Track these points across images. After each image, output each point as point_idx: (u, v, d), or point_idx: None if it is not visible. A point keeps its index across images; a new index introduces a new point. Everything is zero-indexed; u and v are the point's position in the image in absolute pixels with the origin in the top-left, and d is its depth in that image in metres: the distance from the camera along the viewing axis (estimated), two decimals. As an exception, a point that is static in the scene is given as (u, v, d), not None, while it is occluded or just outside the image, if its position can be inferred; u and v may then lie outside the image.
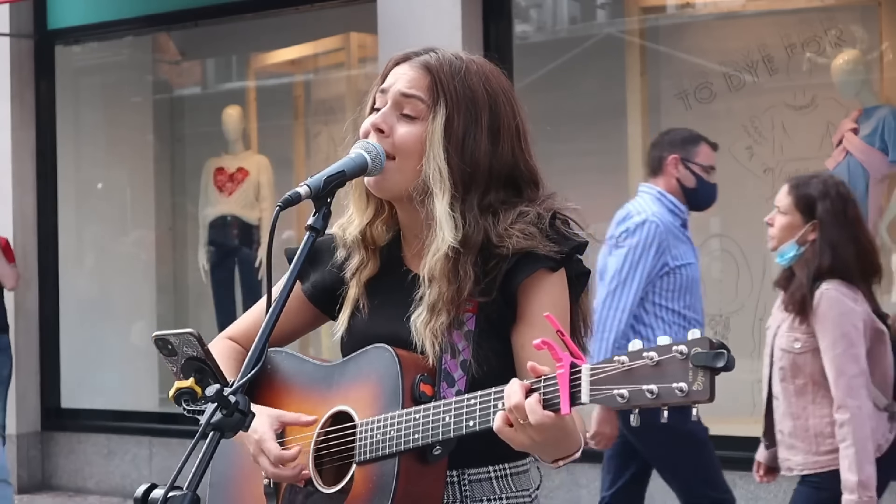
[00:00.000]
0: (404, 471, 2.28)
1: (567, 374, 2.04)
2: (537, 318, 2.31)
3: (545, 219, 2.36)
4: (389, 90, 2.42)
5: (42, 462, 9.37)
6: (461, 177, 2.37)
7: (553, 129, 7.93)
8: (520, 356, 2.35)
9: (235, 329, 2.68)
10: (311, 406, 2.46)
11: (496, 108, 2.41)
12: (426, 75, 2.40)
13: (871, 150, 7.03)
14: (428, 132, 2.37)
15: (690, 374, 1.93)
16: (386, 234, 2.50)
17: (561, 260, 2.34)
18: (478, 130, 2.38)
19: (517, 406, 2.07)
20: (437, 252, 2.36)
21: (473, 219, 2.36)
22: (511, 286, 2.35)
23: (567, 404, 2.04)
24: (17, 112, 9.43)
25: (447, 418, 2.21)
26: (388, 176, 2.39)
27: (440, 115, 2.37)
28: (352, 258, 2.51)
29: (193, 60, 10.41)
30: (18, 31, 9.50)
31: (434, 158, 2.36)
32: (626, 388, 1.98)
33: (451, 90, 2.38)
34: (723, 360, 1.92)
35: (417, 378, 2.32)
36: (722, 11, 7.98)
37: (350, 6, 8.72)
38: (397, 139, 2.39)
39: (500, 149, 2.40)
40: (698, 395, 1.93)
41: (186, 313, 10.08)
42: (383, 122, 2.40)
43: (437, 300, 2.35)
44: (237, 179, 9.70)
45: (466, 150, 2.37)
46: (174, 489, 2.07)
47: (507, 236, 2.34)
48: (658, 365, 1.96)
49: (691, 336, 1.95)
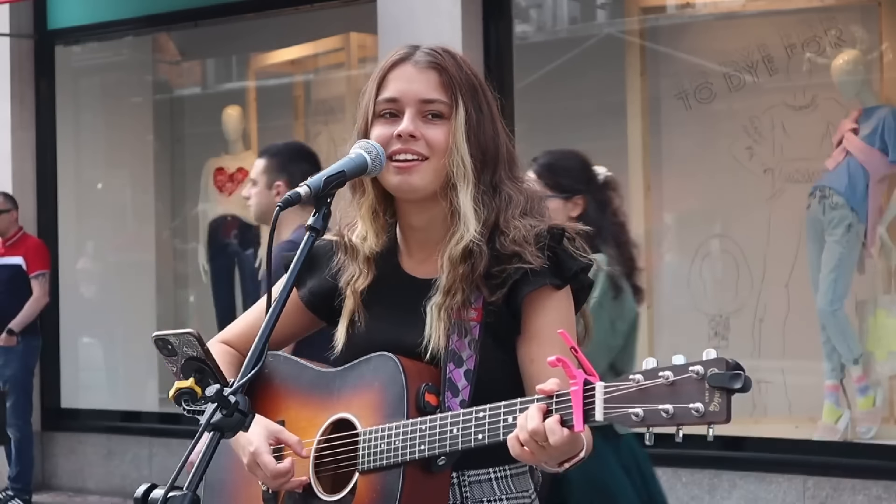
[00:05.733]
0: (409, 480, 2.27)
1: (581, 391, 2.03)
2: (544, 333, 2.33)
3: (556, 235, 2.37)
4: (403, 97, 2.41)
5: (42, 462, 9.36)
6: (481, 162, 2.40)
7: (553, 130, 7.93)
8: (528, 370, 2.35)
9: (230, 333, 2.66)
10: (311, 412, 2.45)
11: (486, 92, 2.46)
12: (439, 74, 2.41)
13: (871, 150, 7.02)
14: (452, 128, 2.39)
15: (707, 395, 1.92)
16: (380, 242, 2.49)
17: (567, 279, 2.36)
18: (484, 117, 2.42)
19: (536, 430, 2.07)
20: (460, 241, 2.36)
21: (489, 199, 2.39)
22: (517, 298, 2.35)
23: (581, 422, 2.03)
24: (17, 112, 9.43)
25: (455, 430, 2.21)
26: (422, 174, 2.39)
27: (461, 110, 2.39)
28: (347, 268, 2.50)
29: (193, 60, 10.41)
30: (18, 31, 9.50)
31: (458, 152, 2.38)
32: (642, 407, 1.96)
33: (462, 83, 2.41)
34: (740, 381, 1.90)
35: (422, 387, 2.31)
36: (722, 11, 7.98)
37: (350, 6, 8.72)
38: (429, 141, 2.39)
39: (498, 129, 2.45)
40: (715, 417, 1.91)
41: (186, 313, 10.07)
42: (414, 129, 2.39)
43: (454, 282, 2.36)
44: (237, 179, 9.69)
45: (481, 138, 2.40)
46: (174, 489, 2.07)
47: (512, 226, 2.36)
48: (673, 384, 1.94)
49: (707, 356, 1.93)
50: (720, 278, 7.72)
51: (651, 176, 7.78)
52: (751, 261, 7.50)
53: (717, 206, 7.83)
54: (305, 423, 2.44)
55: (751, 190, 7.48)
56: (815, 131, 7.27)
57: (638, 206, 7.74)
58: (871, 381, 7.03)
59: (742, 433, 6.82)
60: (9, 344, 8.72)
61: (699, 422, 1.92)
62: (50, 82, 9.61)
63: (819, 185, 7.17)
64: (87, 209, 9.99)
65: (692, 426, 1.94)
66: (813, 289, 7.14)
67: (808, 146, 7.29)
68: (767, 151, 7.38)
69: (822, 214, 7.12)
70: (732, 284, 7.60)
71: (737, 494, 6.78)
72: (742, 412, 6.63)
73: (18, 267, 8.87)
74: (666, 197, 7.87)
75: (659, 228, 7.90)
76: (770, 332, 7.30)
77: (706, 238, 7.68)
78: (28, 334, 8.82)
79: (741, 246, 7.58)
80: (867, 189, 7.00)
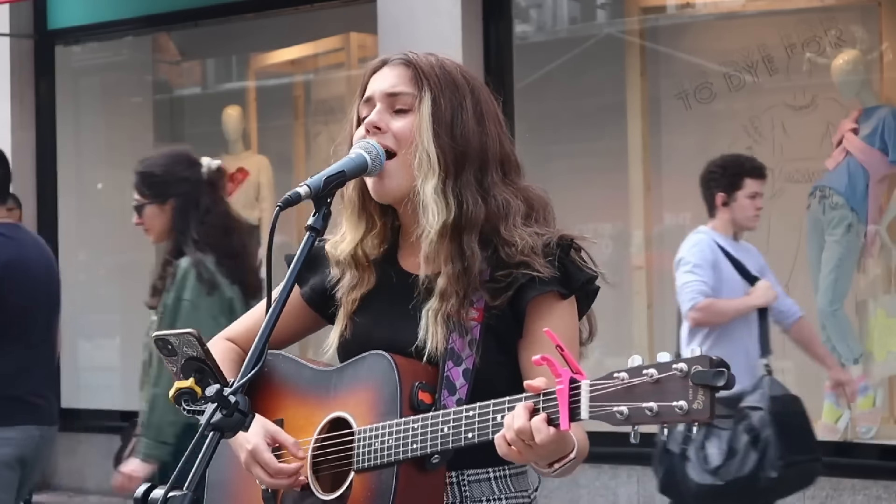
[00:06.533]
0: (403, 478, 2.28)
1: (566, 389, 2.03)
2: (546, 338, 2.32)
3: (565, 246, 2.37)
4: (375, 94, 2.43)
5: (42, 462, 9.36)
6: (454, 157, 2.38)
7: (553, 130, 7.93)
8: (529, 374, 2.34)
9: (234, 330, 2.67)
10: (308, 410, 2.46)
11: (476, 93, 2.44)
12: (406, 69, 2.43)
13: (871, 150, 7.03)
14: (416, 119, 2.39)
15: (690, 393, 1.92)
16: (378, 247, 2.49)
17: (573, 289, 2.36)
18: (464, 112, 2.40)
19: (522, 429, 2.07)
20: (427, 236, 2.36)
21: (472, 196, 2.37)
22: (521, 301, 2.35)
23: (566, 420, 2.03)
24: (17, 112, 9.43)
25: (446, 429, 2.21)
26: (392, 175, 2.40)
27: (426, 99, 2.39)
28: (343, 276, 2.50)
29: (193, 60, 10.41)
30: (18, 31, 9.50)
31: (422, 144, 2.37)
32: (626, 405, 1.97)
33: (433, 76, 2.41)
34: (723, 378, 1.90)
35: (416, 385, 2.31)
36: (722, 11, 7.98)
37: (350, 6, 8.72)
38: (395, 132, 2.40)
39: (488, 130, 2.42)
40: (698, 414, 1.91)
41: (186, 313, 10.06)
42: (379, 119, 2.41)
43: (447, 285, 2.35)
44: (237, 179, 9.69)
45: (456, 129, 2.39)
46: (174, 489, 2.07)
47: (517, 236, 2.35)
48: (658, 382, 1.94)
49: (691, 353, 1.94)
50: (720, 278, 7.70)
51: (651, 176, 7.78)
52: (751, 261, 7.49)
53: (717, 206, 7.81)
54: (303, 422, 2.45)
55: (751, 190, 7.47)
56: (815, 131, 7.28)
57: (638, 206, 7.75)
58: (871, 381, 7.04)
59: (742, 433, 6.82)
60: None
61: (683, 419, 1.92)
62: (50, 82, 9.61)
63: (819, 185, 7.18)
64: (87, 209, 9.99)
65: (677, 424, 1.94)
66: (813, 289, 7.15)
67: (808, 146, 7.30)
68: (767, 151, 7.38)
69: (822, 214, 7.13)
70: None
71: (737, 494, 6.77)
72: (742, 412, 6.62)
73: None
74: (666, 197, 7.87)
75: (659, 228, 7.89)
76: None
77: (706, 238, 7.67)
78: None
79: (741, 246, 7.57)
80: (867, 189, 7.01)
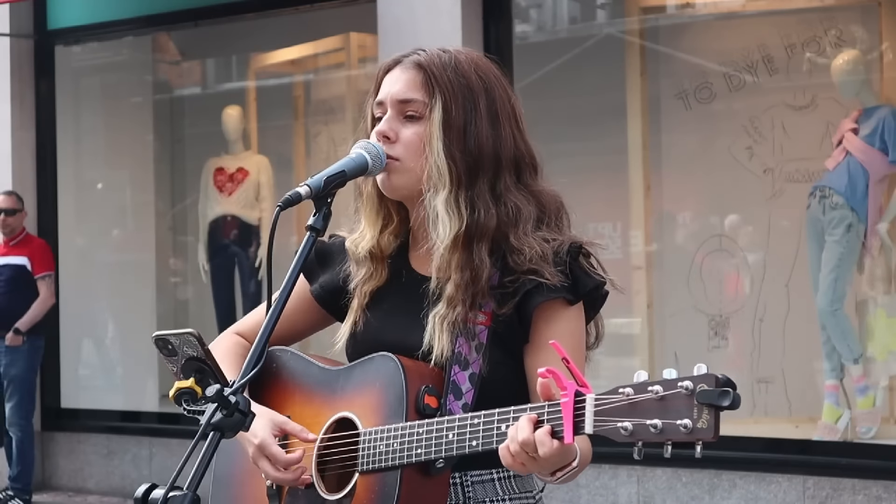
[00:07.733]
0: (407, 482, 2.28)
1: (571, 402, 2.03)
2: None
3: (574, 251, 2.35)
4: (387, 99, 2.41)
5: (42, 462, 9.36)
6: (466, 167, 2.36)
7: (553, 130, 7.93)
8: (535, 381, 2.34)
9: (245, 325, 2.67)
10: (315, 409, 2.46)
11: (491, 92, 2.41)
12: (418, 73, 2.40)
13: (871, 150, 7.02)
14: (426, 129, 2.37)
15: (695, 411, 1.91)
16: (393, 243, 2.49)
17: (581, 296, 2.35)
18: (477, 116, 2.38)
19: (526, 441, 2.07)
20: (438, 249, 2.36)
21: (484, 205, 2.36)
22: (528, 307, 2.34)
23: (570, 434, 2.03)
24: (17, 112, 9.43)
25: (450, 436, 2.21)
26: (399, 174, 2.39)
27: (437, 109, 2.37)
28: (359, 270, 2.50)
29: (193, 60, 10.41)
30: (18, 31, 9.50)
31: (432, 155, 2.35)
32: (630, 421, 1.96)
33: (445, 81, 2.38)
34: (728, 398, 1.89)
35: (422, 389, 2.31)
36: (722, 11, 7.98)
37: (350, 6, 8.72)
38: (404, 141, 2.39)
39: (502, 132, 2.39)
40: (702, 434, 1.91)
41: (186, 313, 10.07)
42: (389, 129, 2.39)
43: (455, 292, 2.34)
44: (237, 179, 9.70)
45: (469, 139, 2.37)
46: (174, 489, 2.07)
47: (526, 244, 2.33)
48: (663, 399, 1.94)
49: (697, 371, 1.93)
50: (720, 278, 7.72)
51: (651, 176, 7.77)
52: (751, 261, 7.51)
53: (717, 206, 7.82)
54: (310, 421, 2.45)
55: (751, 190, 7.48)
56: (815, 131, 7.27)
57: (638, 206, 7.75)
58: (870, 381, 7.03)
59: (742, 433, 6.82)
60: (14, 343, 8.73)
61: (687, 438, 1.91)
62: (50, 82, 9.61)
63: (819, 185, 7.17)
64: (87, 209, 9.99)
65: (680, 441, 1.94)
66: (813, 289, 7.15)
67: (808, 146, 7.29)
68: (767, 151, 7.38)
69: (822, 214, 7.13)
70: (732, 284, 7.60)
71: (737, 494, 6.78)
72: (742, 412, 6.62)
73: (22, 267, 8.87)
74: (666, 197, 7.87)
75: (659, 228, 7.89)
76: (770, 332, 7.30)
77: (706, 238, 7.68)
78: (33, 334, 8.83)
79: (741, 246, 7.58)
80: (867, 189, 7.00)
